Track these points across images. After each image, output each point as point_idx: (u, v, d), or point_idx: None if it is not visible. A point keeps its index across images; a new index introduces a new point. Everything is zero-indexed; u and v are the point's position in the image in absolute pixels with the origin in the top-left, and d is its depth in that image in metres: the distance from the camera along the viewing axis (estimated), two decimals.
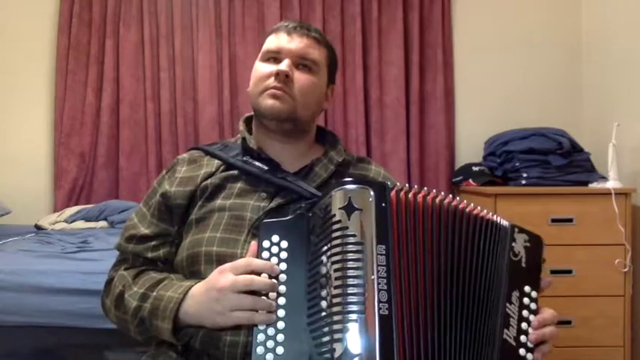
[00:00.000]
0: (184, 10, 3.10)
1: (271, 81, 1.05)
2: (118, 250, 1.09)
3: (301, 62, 1.08)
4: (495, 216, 0.91)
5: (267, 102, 1.06)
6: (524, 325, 0.85)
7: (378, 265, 0.78)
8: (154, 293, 0.95)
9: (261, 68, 1.09)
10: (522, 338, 0.84)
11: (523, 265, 0.89)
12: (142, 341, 1.01)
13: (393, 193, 0.84)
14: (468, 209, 0.89)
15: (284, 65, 1.05)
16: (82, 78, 3.07)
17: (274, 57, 1.08)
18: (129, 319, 0.98)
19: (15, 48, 3.09)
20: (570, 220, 2.36)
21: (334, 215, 0.82)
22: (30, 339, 1.91)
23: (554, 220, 2.36)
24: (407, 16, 3.12)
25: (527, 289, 0.88)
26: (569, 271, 2.33)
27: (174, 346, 0.94)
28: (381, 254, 0.79)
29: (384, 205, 0.82)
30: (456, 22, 3.18)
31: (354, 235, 0.80)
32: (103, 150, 3.06)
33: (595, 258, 2.34)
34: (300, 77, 1.07)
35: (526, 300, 0.87)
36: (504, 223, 0.91)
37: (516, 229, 0.91)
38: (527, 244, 0.90)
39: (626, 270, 2.34)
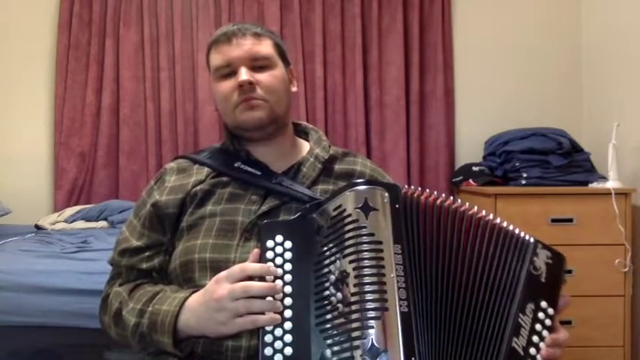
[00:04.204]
0: (184, 10, 3.10)
1: (237, 95, 1.04)
2: (112, 265, 1.08)
3: (255, 64, 1.06)
4: (516, 228, 0.91)
5: (245, 115, 1.05)
6: (535, 338, 0.84)
7: (396, 264, 0.79)
8: (150, 308, 0.94)
9: (222, 87, 1.06)
10: (532, 350, 0.84)
11: (542, 280, 0.88)
12: (146, 354, 1.00)
13: (402, 194, 0.85)
14: (471, 212, 0.89)
15: (243, 74, 1.03)
16: (82, 78, 3.07)
17: (227, 72, 1.06)
18: (129, 335, 0.97)
19: (15, 48, 3.09)
20: (570, 220, 2.36)
21: (350, 215, 0.82)
22: (30, 339, 1.91)
23: (554, 220, 2.36)
24: (407, 16, 3.12)
25: (543, 304, 0.87)
26: (569, 271, 2.33)
27: (176, 355, 0.94)
28: (398, 253, 0.80)
29: (397, 206, 0.83)
30: (456, 22, 3.18)
31: (371, 235, 0.80)
32: (103, 150, 3.06)
33: (595, 258, 2.33)
34: (261, 78, 1.05)
35: (541, 315, 0.86)
36: (527, 236, 0.90)
37: (540, 245, 0.90)
38: (549, 261, 0.89)
39: (626, 270, 2.34)
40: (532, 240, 0.90)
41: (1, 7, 3.09)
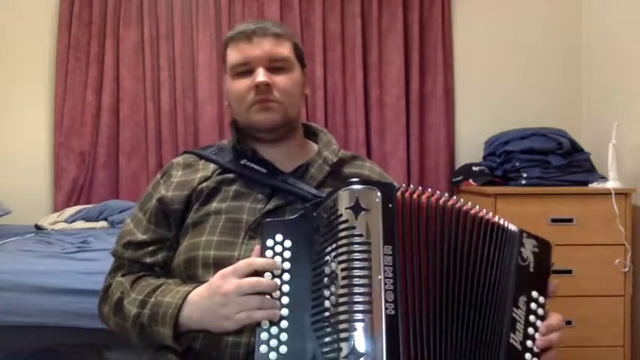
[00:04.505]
0: (184, 10, 3.10)
1: (253, 94, 1.04)
2: (114, 256, 1.08)
3: (273, 64, 1.05)
4: (503, 220, 0.90)
5: (259, 116, 1.05)
6: (530, 330, 0.85)
7: (384, 266, 0.78)
8: (152, 299, 0.94)
9: (238, 85, 1.06)
10: (529, 343, 0.84)
11: (531, 270, 0.88)
12: (143, 347, 1.00)
13: (398, 194, 0.84)
14: (472, 211, 0.88)
15: (260, 75, 1.03)
16: (82, 78, 3.07)
17: (244, 70, 1.05)
18: (129, 326, 0.97)
19: (15, 48, 3.09)
20: (570, 220, 2.36)
21: (341, 215, 0.81)
22: (30, 339, 1.91)
23: (554, 220, 2.36)
24: (407, 16, 3.12)
25: (534, 294, 0.87)
26: (569, 271, 2.33)
27: (174, 349, 0.94)
28: (388, 255, 0.79)
29: (390, 205, 0.82)
30: (456, 22, 3.18)
31: (360, 235, 0.80)
32: (103, 150, 3.06)
33: (595, 258, 2.34)
34: (278, 80, 1.05)
35: (533, 305, 0.86)
36: (512, 227, 0.90)
37: (525, 234, 0.90)
38: (536, 250, 0.89)
39: (626, 270, 2.34)
40: (516, 230, 0.90)
41: (1, 7, 3.09)
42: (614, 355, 2.37)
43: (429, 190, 0.87)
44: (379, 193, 0.82)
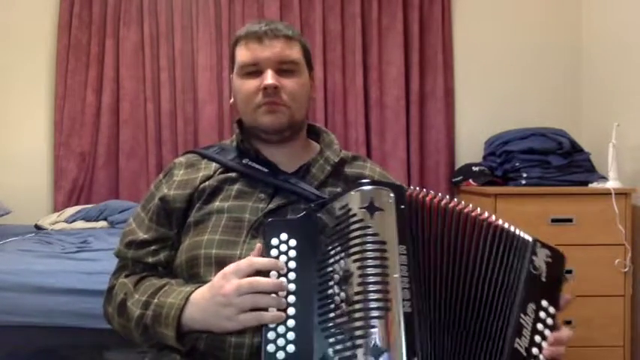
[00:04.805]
0: (184, 10, 3.10)
1: (261, 96, 1.04)
2: (118, 257, 1.08)
3: (282, 67, 1.05)
4: (515, 228, 0.90)
5: (266, 119, 1.05)
6: (537, 337, 0.84)
7: (400, 265, 0.79)
8: (155, 300, 0.94)
9: (245, 85, 1.05)
10: (534, 350, 0.84)
11: (543, 279, 0.88)
12: (147, 347, 1.00)
13: (407, 195, 0.85)
14: (473, 214, 0.88)
15: (269, 78, 1.02)
16: (82, 78, 3.07)
17: (253, 70, 1.05)
18: (133, 327, 0.97)
19: (15, 48, 3.10)
20: (570, 220, 2.36)
21: (355, 214, 0.82)
22: (30, 339, 1.91)
23: (554, 220, 2.36)
24: (407, 16, 3.12)
25: (544, 303, 0.87)
26: (569, 271, 2.33)
27: (178, 349, 0.94)
28: (403, 254, 0.80)
29: (402, 206, 0.83)
30: (456, 22, 3.18)
31: (376, 234, 0.80)
32: (103, 150, 3.06)
33: (595, 258, 2.34)
34: (287, 83, 1.05)
35: (542, 314, 0.86)
36: (526, 236, 0.90)
37: (538, 244, 0.90)
38: (549, 260, 0.89)
39: (626, 270, 2.34)
40: (531, 239, 0.90)
41: (1, 8, 3.09)
42: (614, 355, 2.37)
43: (431, 192, 0.88)
44: (392, 194, 0.83)
